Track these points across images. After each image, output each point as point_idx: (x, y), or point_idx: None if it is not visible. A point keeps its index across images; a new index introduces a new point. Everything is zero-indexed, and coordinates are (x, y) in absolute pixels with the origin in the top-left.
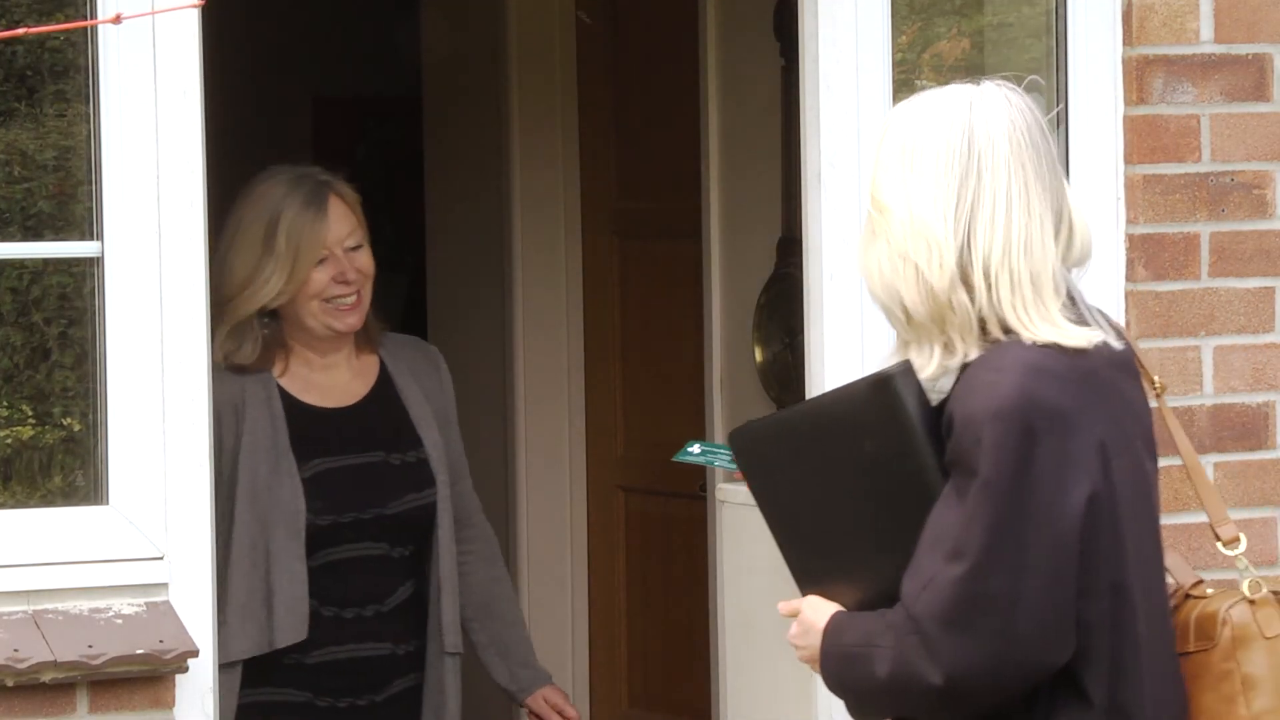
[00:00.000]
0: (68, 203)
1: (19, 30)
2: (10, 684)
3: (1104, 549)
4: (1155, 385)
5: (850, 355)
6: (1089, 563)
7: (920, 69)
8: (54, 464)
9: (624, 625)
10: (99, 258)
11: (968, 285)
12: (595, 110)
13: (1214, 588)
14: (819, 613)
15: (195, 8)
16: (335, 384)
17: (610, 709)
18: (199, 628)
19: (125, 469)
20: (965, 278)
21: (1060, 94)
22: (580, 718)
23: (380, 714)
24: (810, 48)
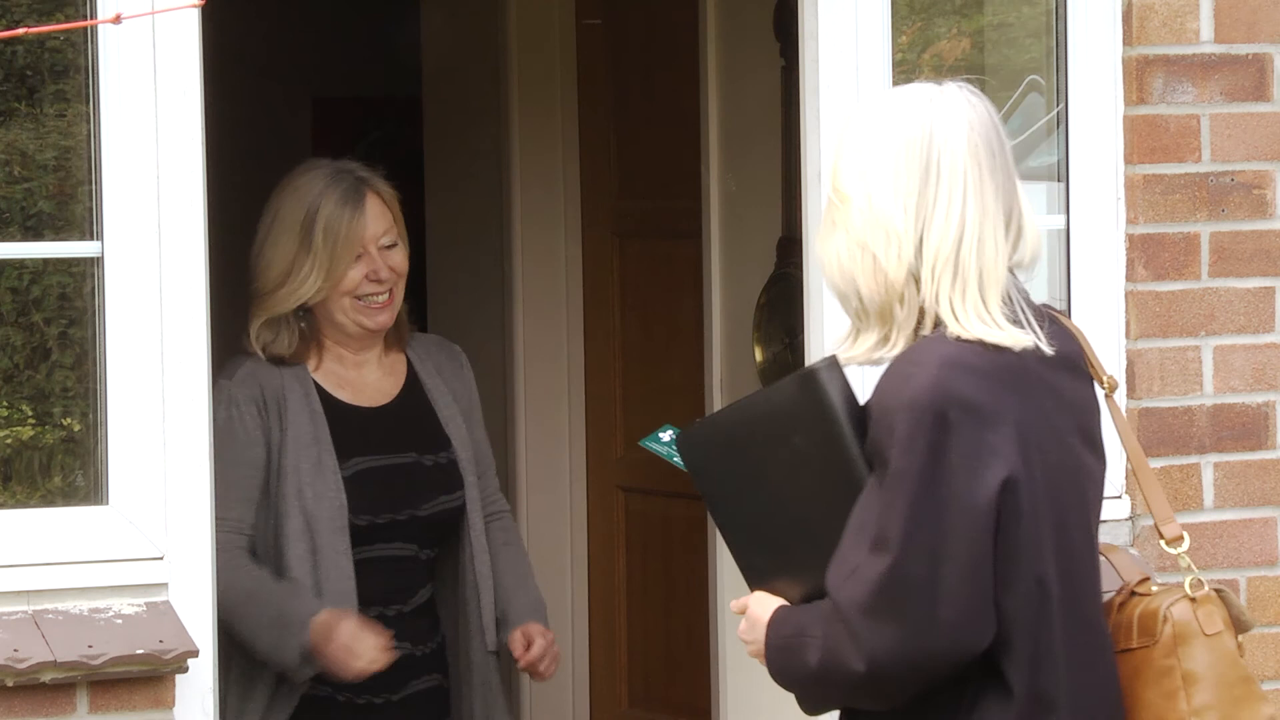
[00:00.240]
0: (68, 203)
1: (19, 30)
2: (10, 684)
3: (1023, 539)
4: (1104, 384)
5: None
6: (1008, 553)
7: (920, 69)
8: (54, 464)
9: (624, 625)
10: (99, 258)
11: (917, 279)
12: (595, 110)
13: (1159, 585)
14: (764, 608)
15: (195, 8)
16: (367, 382)
17: (610, 709)
18: (199, 628)
19: (125, 469)
20: (916, 271)
21: (1060, 94)
22: (548, 652)
23: (395, 714)
24: (810, 48)
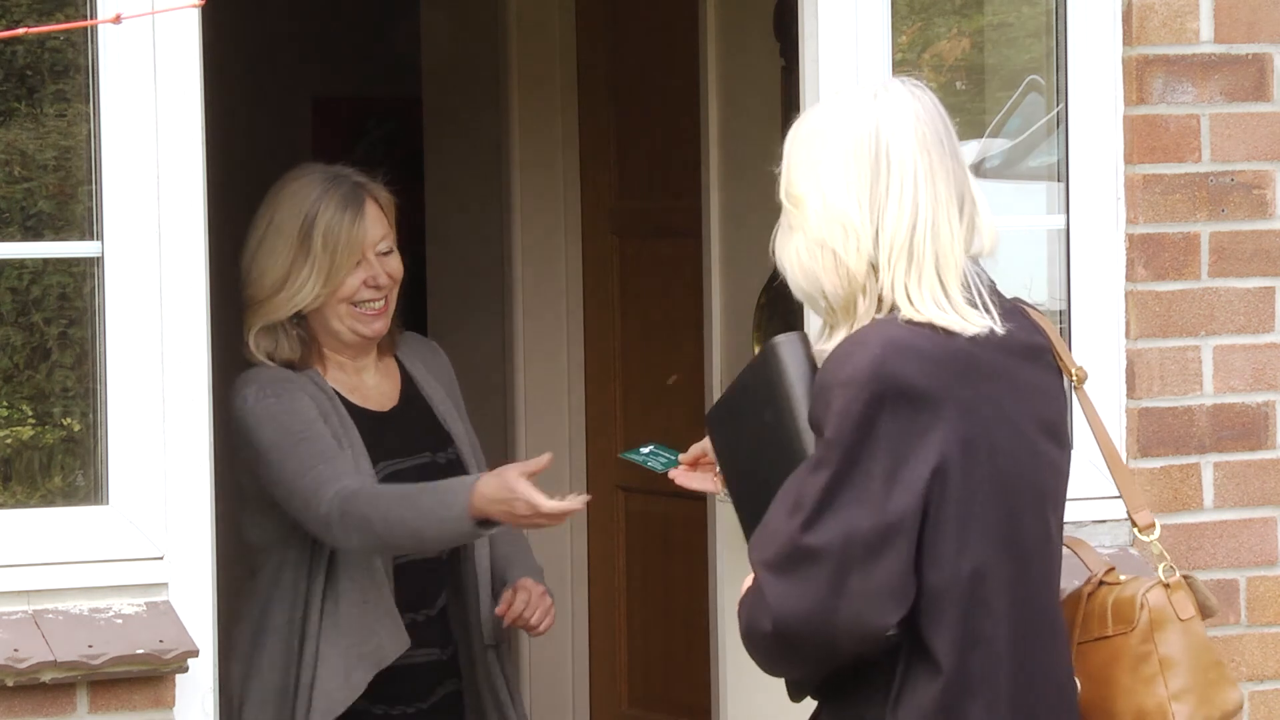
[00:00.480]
0: (68, 203)
1: (19, 30)
2: (10, 684)
3: (953, 523)
4: (1073, 375)
5: None
6: (937, 533)
7: (920, 69)
8: (54, 464)
9: (624, 625)
10: (99, 258)
11: (876, 269)
12: (595, 110)
13: (1126, 575)
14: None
15: (195, 8)
16: (370, 387)
17: (610, 709)
18: (199, 628)
19: (125, 469)
20: (875, 261)
21: (1060, 94)
22: (534, 603)
23: None
24: (810, 48)
